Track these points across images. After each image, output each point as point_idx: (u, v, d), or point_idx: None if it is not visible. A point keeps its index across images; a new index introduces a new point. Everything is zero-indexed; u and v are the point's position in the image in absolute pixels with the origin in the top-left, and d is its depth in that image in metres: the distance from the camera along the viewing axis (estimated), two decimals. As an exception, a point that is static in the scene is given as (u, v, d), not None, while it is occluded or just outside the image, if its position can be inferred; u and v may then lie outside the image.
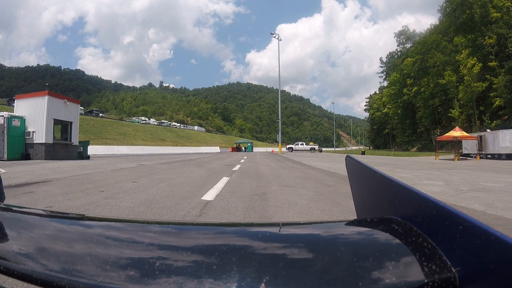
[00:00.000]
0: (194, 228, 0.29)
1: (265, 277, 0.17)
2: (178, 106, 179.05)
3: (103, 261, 0.21)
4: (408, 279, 0.17)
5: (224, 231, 0.27)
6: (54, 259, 0.22)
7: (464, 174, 8.46)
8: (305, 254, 0.20)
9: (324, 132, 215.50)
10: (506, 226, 2.90)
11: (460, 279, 0.17)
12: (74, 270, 0.20)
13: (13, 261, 0.21)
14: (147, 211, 3.37)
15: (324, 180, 6.87)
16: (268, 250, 0.21)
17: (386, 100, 63.56)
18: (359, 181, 0.36)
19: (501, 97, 34.25)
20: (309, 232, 0.27)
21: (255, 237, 0.24)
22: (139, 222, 0.31)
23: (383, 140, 72.57)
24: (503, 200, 4.21)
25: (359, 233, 0.24)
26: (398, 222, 0.24)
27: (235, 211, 3.44)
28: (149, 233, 0.26)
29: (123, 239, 0.25)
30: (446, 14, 47.30)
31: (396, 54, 68.13)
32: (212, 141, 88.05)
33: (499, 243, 0.15)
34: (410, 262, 0.19)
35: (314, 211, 3.53)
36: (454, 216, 0.19)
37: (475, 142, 21.75)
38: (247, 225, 0.30)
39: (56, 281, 0.19)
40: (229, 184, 5.79)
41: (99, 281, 0.18)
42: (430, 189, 5.35)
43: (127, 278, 0.18)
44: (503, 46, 37.08)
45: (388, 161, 16.37)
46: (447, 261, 0.18)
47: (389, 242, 0.21)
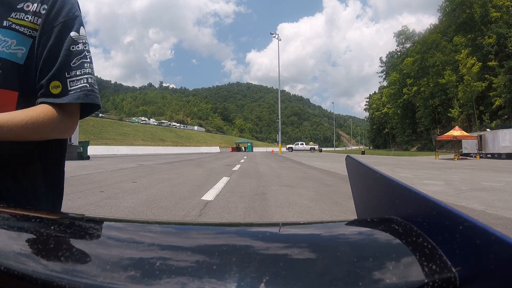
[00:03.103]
0: (194, 228, 0.29)
1: (265, 277, 0.17)
2: (178, 106, 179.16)
3: (103, 261, 0.21)
4: (408, 279, 0.17)
5: (224, 231, 0.27)
6: (54, 259, 0.22)
7: (464, 174, 8.47)
8: (305, 254, 0.20)
9: (324, 132, 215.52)
10: (506, 225, 2.90)
11: (460, 279, 0.17)
12: (74, 270, 0.20)
13: (13, 261, 0.21)
14: (147, 211, 3.37)
15: (324, 180, 6.87)
16: (268, 250, 0.21)
17: (385, 100, 63.57)
18: (359, 181, 0.36)
19: (501, 96, 34.24)
20: (309, 232, 0.27)
21: (255, 237, 0.24)
22: (139, 222, 0.31)
23: (383, 139, 72.60)
24: (503, 199, 4.21)
25: (359, 233, 0.24)
26: (398, 222, 0.24)
27: (235, 211, 3.44)
28: (148, 233, 0.26)
29: (123, 239, 0.25)
30: (446, 13, 47.30)
31: (395, 54, 68.12)
32: (212, 141, 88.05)
33: (499, 243, 0.15)
34: (410, 262, 0.19)
35: (314, 211, 3.53)
36: (454, 216, 0.19)
37: (475, 141, 21.77)
38: (247, 225, 0.30)
39: (56, 281, 0.19)
40: (229, 184, 5.79)
41: (99, 281, 0.18)
42: (430, 189, 5.36)
43: (127, 278, 0.18)
44: (502, 46, 37.08)
45: (388, 161, 16.38)
46: (447, 261, 0.18)
47: (389, 242, 0.21)
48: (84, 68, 0.59)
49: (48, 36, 0.58)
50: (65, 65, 0.58)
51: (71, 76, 0.58)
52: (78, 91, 0.57)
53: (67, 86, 0.57)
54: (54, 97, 0.57)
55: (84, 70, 0.59)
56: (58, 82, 0.57)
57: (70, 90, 0.57)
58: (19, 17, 0.57)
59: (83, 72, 0.59)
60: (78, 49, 0.59)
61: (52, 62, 0.58)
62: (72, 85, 0.57)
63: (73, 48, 0.59)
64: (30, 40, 0.58)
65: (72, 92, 0.57)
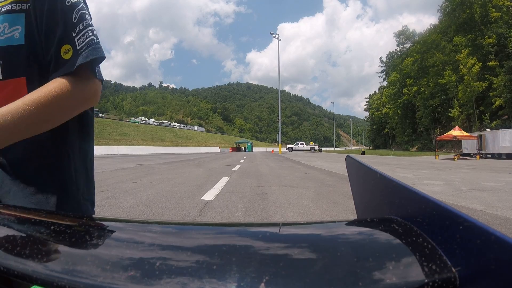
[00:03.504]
0: (194, 228, 0.29)
1: (265, 277, 0.17)
2: (178, 106, 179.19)
3: (103, 261, 0.21)
4: (408, 279, 0.17)
5: (224, 231, 0.27)
6: (55, 259, 0.22)
7: (464, 174, 8.47)
8: (305, 254, 0.20)
9: (324, 132, 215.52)
10: (506, 225, 2.90)
11: (460, 279, 0.17)
12: (74, 270, 0.20)
13: (13, 261, 0.21)
14: (147, 211, 3.37)
15: (324, 180, 6.87)
16: (268, 250, 0.21)
17: (385, 100, 63.55)
18: (359, 181, 0.36)
19: (501, 96, 34.23)
20: (309, 232, 0.27)
21: (255, 237, 0.24)
22: (139, 222, 0.31)
23: (383, 139, 72.59)
24: (503, 199, 4.21)
25: (359, 233, 0.24)
26: (398, 222, 0.24)
27: (235, 211, 3.44)
28: (148, 233, 0.26)
29: (123, 239, 0.25)
30: (446, 13, 47.28)
31: (395, 54, 68.12)
32: (212, 141, 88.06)
33: (499, 243, 0.15)
34: (410, 262, 0.19)
35: (314, 211, 3.53)
36: (454, 216, 0.19)
37: (475, 141, 21.76)
38: (247, 225, 0.30)
39: (56, 281, 0.19)
40: (229, 184, 5.79)
41: (99, 281, 0.18)
42: (430, 189, 5.36)
43: (127, 278, 0.18)
44: (502, 46, 37.08)
45: (388, 161, 16.38)
46: (447, 261, 0.18)
47: (389, 242, 0.21)
48: (85, 19, 0.53)
49: (41, 2, 0.53)
50: (68, 24, 0.52)
51: (77, 33, 0.52)
52: (87, 48, 0.52)
53: (77, 47, 0.52)
54: (66, 63, 0.51)
55: (86, 22, 0.53)
56: (69, 46, 0.52)
57: (80, 49, 0.51)
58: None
59: (86, 25, 0.53)
60: (73, 1, 0.53)
61: (55, 25, 0.52)
62: (80, 42, 0.52)
63: (68, 2, 0.53)
64: (22, 15, 0.53)
65: (82, 50, 0.51)
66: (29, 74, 0.54)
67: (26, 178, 0.54)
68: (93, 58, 0.51)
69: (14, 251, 0.22)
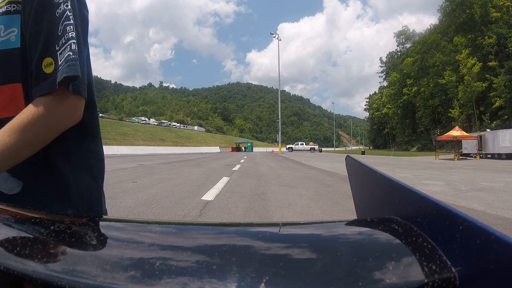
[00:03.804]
0: (194, 228, 0.29)
1: (265, 277, 0.17)
2: (178, 106, 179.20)
3: (103, 261, 0.21)
4: (408, 279, 0.17)
5: (224, 231, 0.27)
6: (55, 259, 0.22)
7: (464, 174, 8.47)
8: (305, 254, 0.21)
9: (324, 132, 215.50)
10: (506, 226, 2.90)
11: (460, 279, 0.17)
12: (74, 270, 0.20)
13: (13, 261, 0.21)
14: (147, 211, 3.37)
15: (324, 180, 6.87)
16: (268, 250, 0.21)
17: (385, 100, 63.56)
18: (359, 181, 0.36)
19: (501, 97, 34.23)
20: (309, 232, 0.27)
21: (255, 237, 0.24)
22: (139, 222, 0.31)
23: (383, 140, 72.59)
24: (503, 199, 4.21)
25: (359, 233, 0.24)
26: (398, 222, 0.24)
27: (235, 211, 3.44)
28: (148, 233, 0.26)
29: (123, 239, 0.25)
30: (446, 13, 47.31)
31: (396, 54, 68.14)
32: (212, 141, 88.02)
33: (499, 243, 0.15)
34: (410, 262, 0.19)
35: (314, 211, 3.53)
36: (454, 216, 0.19)
37: (475, 141, 21.75)
38: (247, 225, 0.30)
39: (56, 281, 0.19)
40: (229, 184, 5.79)
41: (99, 281, 0.18)
42: (430, 189, 5.36)
43: (127, 278, 0.18)
44: (503, 46, 37.08)
45: (388, 161, 16.38)
46: (447, 261, 0.18)
47: (389, 242, 0.21)
48: (66, 32, 0.48)
49: (30, 5, 0.49)
50: (52, 35, 0.48)
51: (60, 46, 0.48)
52: (64, 64, 0.47)
53: (58, 61, 0.47)
54: (47, 78, 0.47)
55: (67, 35, 0.48)
56: (51, 59, 0.47)
57: (60, 65, 0.47)
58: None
59: (66, 39, 0.48)
60: (60, 11, 0.48)
61: (39, 33, 0.48)
62: (61, 57, 0.47)
63: (57, 13, 0.48)
64: (18, 16, 0.50)
65: (61, 67, 0.47)
66: (25, 80, 0.50)
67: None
68: (66, 76, 0.46)
69: (14, 251, 0.22)
